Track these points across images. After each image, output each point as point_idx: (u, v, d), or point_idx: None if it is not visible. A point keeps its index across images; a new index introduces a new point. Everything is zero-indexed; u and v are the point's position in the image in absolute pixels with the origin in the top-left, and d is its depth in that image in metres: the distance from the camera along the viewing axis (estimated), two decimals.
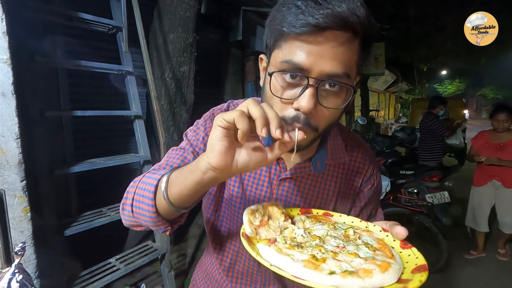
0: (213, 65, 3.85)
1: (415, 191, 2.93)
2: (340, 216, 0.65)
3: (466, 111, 9.90)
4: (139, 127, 2.02)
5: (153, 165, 0.73)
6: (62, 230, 1.58)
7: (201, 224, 3.10)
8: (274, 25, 0.52)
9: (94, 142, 2.57)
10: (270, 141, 0.47)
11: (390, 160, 3.30)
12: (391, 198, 2.97)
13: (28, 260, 1.40)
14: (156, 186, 0.53)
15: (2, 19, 1.26)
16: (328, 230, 0.56)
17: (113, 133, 2.67)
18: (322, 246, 0.50)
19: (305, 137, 0.49)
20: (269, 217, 0.58)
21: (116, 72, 1.98)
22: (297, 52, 0.48)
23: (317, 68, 0.48)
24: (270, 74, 0.52)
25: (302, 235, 0.53)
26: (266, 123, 0.41)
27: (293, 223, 0.59)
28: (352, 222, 0.64)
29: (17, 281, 0.60)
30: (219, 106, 0.77)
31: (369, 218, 0.75)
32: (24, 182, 1.37)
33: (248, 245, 0.48)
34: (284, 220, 0.58)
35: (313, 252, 0.47)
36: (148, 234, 2.42)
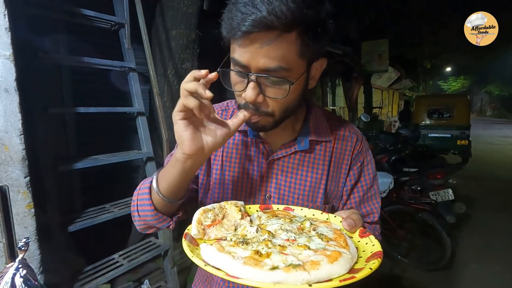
0: (215, 61, 3.84)
1: (419, 188, 2.92)
2: (301, 209, 0.65)
3: None
4: (142, 124, 2.02)
5: (155, 162, 0.79)
6: (66, 226, 1.59)
7: None
8: (222, 27, 0.59)
9: (97, 138, 2.58)
10: None
11: (393, 158, 3.28)
12: (395, 195, 2.96)
13: (32, 256, 1.41)
14: (150, 187, 0.62)
15: (4, 15, 1.26)
16: (282, 224, 0.54)
17: (116, 130, 2.68)
18: (270, 240, 0.48)
19: (259, 119, 0.60)
20: (224, 216, 0.57)
21: (118, 68, 1.98)
22: (238, 51, 0.56)
23: (254, 64, 0.54)
24: (219, 71, 0.59)
25: (253, 232, 0.51)
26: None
27: (251, 221, 0.58)
28: (313, 214, 0.63)
29: (21, 276, 0.60)
30: (219, 104, 0.80)
31: (362, 201, 0.75)
32: (28, 178, 1.38)
33: (187, 246, 0.46)
34: (241, 218, 0.57)
35: (258, 247, 0.45)
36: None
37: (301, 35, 0.53)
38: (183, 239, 0.48)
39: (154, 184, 0.61)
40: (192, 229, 0.52)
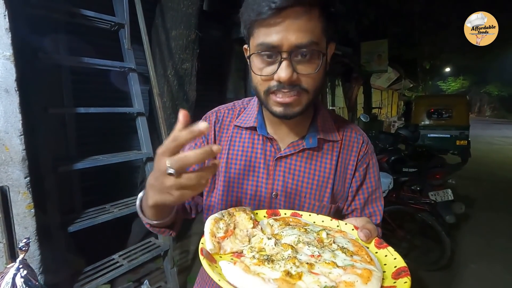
0: (215, 62, 3.84)
1: (418, 188, 2.92)
2: (310, 215, 0.64)
3: None
4: (142, 124, 2.02)
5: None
6: (66, 226, 1.59)
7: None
8: (244, 16, 0.59)
9: (97, 139, 2.58)
10: None
11: (393, 158, 3.28)
12: (394, 195, 2.96)
13: (32, 256, 1.41)
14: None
15: (5, 15, 1.26)
16: (299, 235, 0.52)
17: (116, 130, 2.68)
18: (296, 257, 0.46)
19: (293, 100, 0.59)
20: (235, 226, 0.55)
21: (118, 69, 1.98)
22: (267, 33, 0.56)
23: (286, 42, 0.55)
24: (249, 57, 0.62)
25: (272, 246, 0.49)
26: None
27: (261, 229, 0.56)
28: (323, 221, 0.62)
29: (21, 277, 0.60)
30: (225, 105, 0.81)
31: (366, 203, 0.75)
32: (28, 178, 1.38)
33: (208, 266, 0.42)
34: (253, 227, 0.55)
35: (286, 266, 0.43)
36: (151, 231, 2.43)
37: (322, 12, 0.57)
38: (200, 255, 0.45)
39: (138, 205, 0.62)
40: (207, 244, 0.49)
